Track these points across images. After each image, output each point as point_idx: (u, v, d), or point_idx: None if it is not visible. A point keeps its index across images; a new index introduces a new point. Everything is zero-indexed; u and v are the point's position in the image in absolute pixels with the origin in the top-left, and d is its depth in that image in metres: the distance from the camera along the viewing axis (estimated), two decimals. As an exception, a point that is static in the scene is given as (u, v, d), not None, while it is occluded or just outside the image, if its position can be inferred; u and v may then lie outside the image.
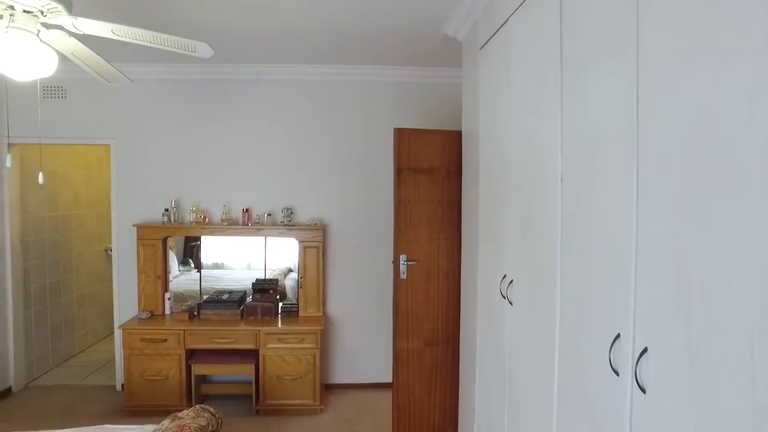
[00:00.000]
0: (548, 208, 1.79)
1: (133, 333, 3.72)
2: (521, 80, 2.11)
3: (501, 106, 2.40)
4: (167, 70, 4.07)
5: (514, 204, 2.19)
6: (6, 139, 4.04)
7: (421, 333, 3.22)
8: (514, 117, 2.20)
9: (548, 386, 1.75)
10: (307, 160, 4.21)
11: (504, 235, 2.33)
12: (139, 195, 4.18)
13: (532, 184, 1.99)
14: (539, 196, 1.90)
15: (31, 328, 4.46)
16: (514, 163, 2.20)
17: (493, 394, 2.46)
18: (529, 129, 2.03)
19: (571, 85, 1.63)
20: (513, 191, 2.21)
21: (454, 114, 4.03)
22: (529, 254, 2.01)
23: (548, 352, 1.75)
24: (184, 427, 2.29)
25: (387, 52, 3.78)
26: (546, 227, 1.81)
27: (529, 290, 2.01)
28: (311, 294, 4.08)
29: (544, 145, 1.84)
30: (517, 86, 2.15)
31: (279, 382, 3.74)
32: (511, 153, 2.24)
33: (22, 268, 4.31)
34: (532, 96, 1.99)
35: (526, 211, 2.06)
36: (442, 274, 3.23)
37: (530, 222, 2.01)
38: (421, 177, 3.20)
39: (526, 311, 2.03)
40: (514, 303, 2.17)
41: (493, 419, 2.47)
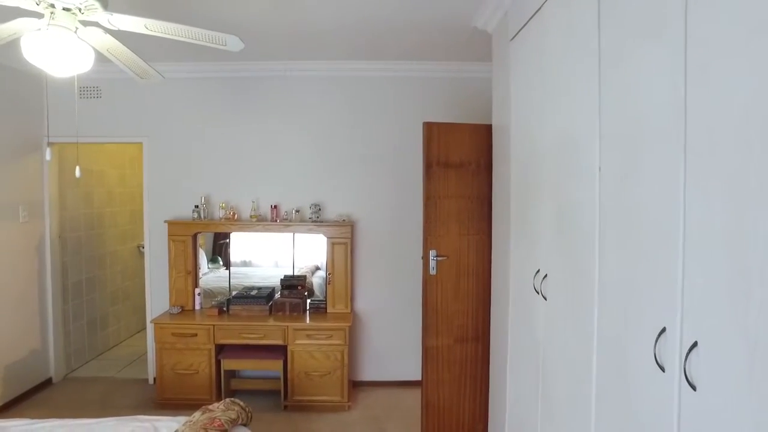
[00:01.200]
0: (584, 198, 1.73)
1: (164, 327, 3.78)
2: (555, 69, 2.05)
3: (533, 97, 2.34)
4: (197, 68, 4.12)
5: (548, 196, 2.13)
6: (46, 138, 4.17)
7: (450, 330, 3.18)
8: (547, 107, 2.14)
9: (586, 384, 1.69)
10: (336, 157, 4.21)
11: (537, 229, 2.27)
12: (170, 191, 4.26)
13: (566, 174, 1.93)
14: (575, 187, 1.84)
15: (69, 321, 4.59)
16: (548, 154, 2.14)
17: (526, 392, 2.40)
18: (563, 118, 1.97)
19: (610, 71, 1.57)
20: (546, 183, 2.15)
21: (483, 108, 3.97)
22: (564, 247, 1.95)
23: (586, 349, 1.69)
24: (215, 419, 2.30)
25: (415, 47, 3.75)
26: (582, 219, 1.76)
27: (564, 284, 1.95)
28: (339, 290, 4.07)
29: (580, 134, 1.79)
30: (551, 75, 2.09)
31: (307, 378, 3.75)
32: (544, 144, 2.19)
33: (61, 263, 4.44)
34: (567, 84, 1.93)
35: (560, 203, 2.00)
36: (472, 270, 3.18)
37: (565, 214, 1.95)
38: (451, 172, 3.15)
39: (562, 306, 1.97)
40: (549, 298, 2.11)
41: (525, 418, 2.41)
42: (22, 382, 4.00)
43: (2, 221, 3.80)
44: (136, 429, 2.32)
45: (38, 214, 4.18)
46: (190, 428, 2.20)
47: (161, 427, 2.35)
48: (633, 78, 1.43)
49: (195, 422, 2.27)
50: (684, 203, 1.16)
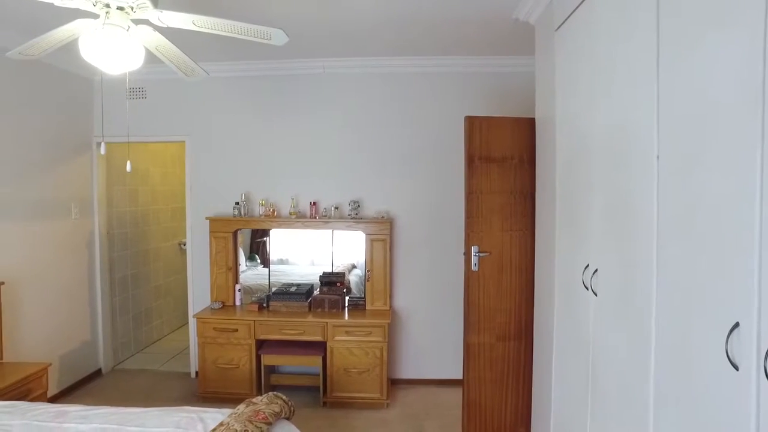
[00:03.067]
0: (640, 188, 1.66)
1: (206, 322, 3.86)
2: (606, 56, 1.98)
3: (581, 87, 2.27)
4: (237, 68, 4.19)
5: (598, 188, 2.06)
6: (95, 137, 4.33)
7: (492, 327, 3.12)
8: (597, 96, 2.07)
9: (642, 384, 1.61)
10: (375, 153, 4.21)
11: (586, 223, 2.20)
12: (211, 189, 4.34)
13: (619, 164, 1.86)
14: (629, 177, 1.77)
15: (116, 315, 4.74)
16: (597, 144, 2.07)
17: (573, 392, 2.33)
18: (615, 107, 1.90)
19: (671, 56, 1.49)
20: (596, 175, 2.08)
21: (524, 103, 3.88)
22: (617, 241, 1.88)
23: (642, 347, 1.62)
24: (259, 412, 2.32)
25: (455, 42, 3.71)
26: (638, 210, 1.68)
27: (617, 279, 1.88)
28: (378, 287, 4.06)
29: (636, 122, 1.71)
30: (601, 63, 2.02)
31: (346, 375, 3.75)
32: (592, 135, 2.11)
33: (108, 259, 4.59)
34: (619, 72, 1.86)
35: (611, 195, 1.93)
36: (515, 266, 3.11)
37: (617, 206, 1.88)
38: (493, 166, 3.10)
39: (614, 301, 1.90)
40: (599, 293, 2.03)
41: (572, 420, 2.34)
42: (75, 371, 4.16)
43: (56, 218, 3.96)
44: (183, 419, 2.36)
45: (88, 211, 4.34)
46: (235, 420, 2.22)
47: (207, 418, 2.38)
48: (699, 63, 1.35)
49: (240, 414, 2.30)
50: (761, 191, 1.08)
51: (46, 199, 3.85)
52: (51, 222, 3.90)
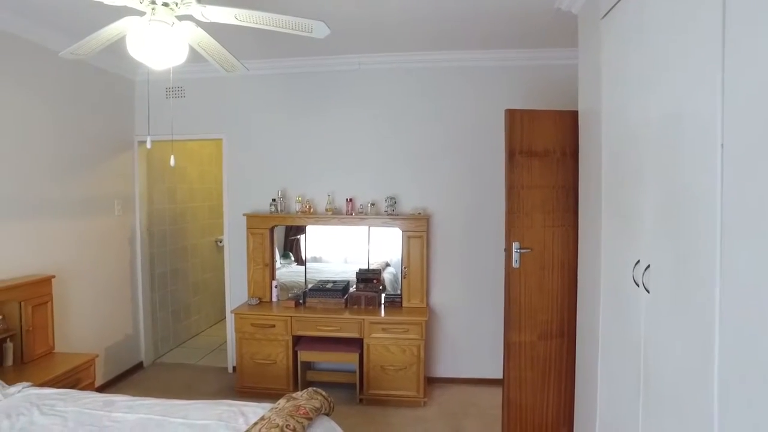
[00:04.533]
0: (700, 180, 1.57)
1: (244, 318, 3.90)
2: (659, 43, 1.88)
3: (629, 76, 2.18)
4: (273, 65, 4.22)
5: (651, 181, 1.96)
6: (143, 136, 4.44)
7: (534, 325, 3.04)
8: (649, 85, 1.97)
9: (705, 387, 1.52)
10: (411, 149, 4.17)
11: (636, 217, 2.11)
12: (248, 186, 4.39)
13: (674, 156, 1.77)
14: (686, 169, 1.68)
15: (156, 310, 4.85)
16: (649, 135, 1.97)
17: (622, 394, 2.24)
18: (670, 96, 1.80)
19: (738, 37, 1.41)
20: (648, 167, 1.99)
21: (565, 96, 3.78)
22: (673, 235, 1.79)
23: (704, 346, 1.53)
24: (300, 407, 2.32)
25: (493, 35, 3.64)
26: (698, 203, 1.59)
27: (672, 275, 1.78)
28: (415, 284, 4.03)
29: (695, 111, 1.62)
30: (654, 50, 1.93)
31: (383, 372, 3.73)
32: (643, 126, 2.02)
33: (149, 255, 4.70)
34: (675, 58, 1.77)
35: (667, 187, 1.84)
36: (557, 263, 3.03)
37: (674, 199, 1.78)
38: (534, 160, 3.02)
39: (670, 299, 1.81)
40: (652, 290, 1.94)
41: (621, 423, 2.25)
42: (119, 363, 4.28)
43: (101, 215, 4.07)
44: (225, 412, 2.38)
45: (130, 208, 4.45)
46: (276, 414, 2.23)
47: (248, 412, 2.39)
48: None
49: (281, 409, 2.30)
50: None
51: (91, 197, 3.96)
52: (96, 218, 4.01)
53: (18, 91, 3.29)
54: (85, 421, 2.28)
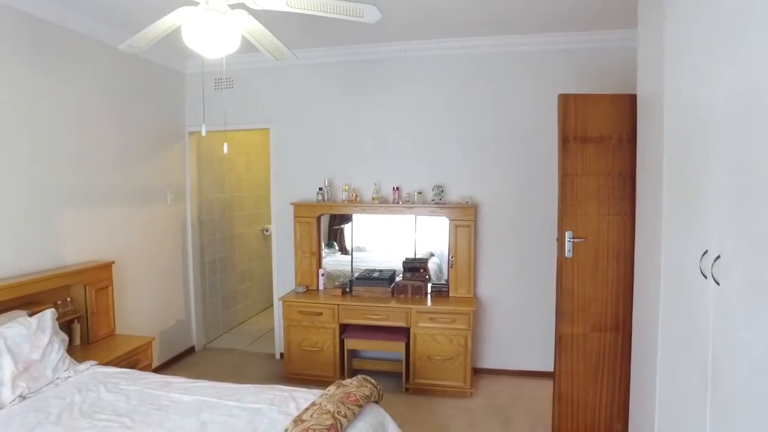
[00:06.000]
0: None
1: (292, 305, 3.95)
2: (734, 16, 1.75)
3: (698, 55, 2.04)
4: (320, 54, 4.22)
5: (723, 166, 1.84)
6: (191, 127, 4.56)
7: (587, 317, 2.95)
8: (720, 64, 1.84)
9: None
10: (458, 137, 4.10)
11: (704, 205, 1.99)
12: (295, 175, 4.43)
13: (753, 139, 1.64)
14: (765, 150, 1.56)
15: (207, 297, 5.00)
16: (721, 118, 1.84)
17: (685, 392, 2.13)
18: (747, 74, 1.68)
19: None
20: (719, 151, 1.86)
21: (620, 80, 3.63)
22: (749, 224, 1.67)
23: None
24: (350, 394, 2.33)
25: (545, 18, 3.51)
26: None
27: (748, 267, 1.67)
28: (462, 274, 3.98)
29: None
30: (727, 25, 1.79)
31: (429, 362, 3.71)
32: (714, 107, 1.89)
33: (199, 243, 4.84)
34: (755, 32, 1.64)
35: (742, 172, 1.71)
36: (612, 253, 2.91)
37: (749, 184, 1.66)
38: (589, 147, 2.91)
39: (744, 292, 1.70)
40: (723, 282, 1.83)
41: (685, 420, 2.14)
42: (172, 348, 4.45)
43: (154, 204, 4.21)
44: (276, 397, 2.42)
45: (181, 197, 4.58)
46: (327, 401, 2.25)
47: (299, 397, 2.43)
48: None
49: (331, 396, 2.32)
50: None
51: (146, 186, 4.10)
52: (150, 207, 4.16)
53: (80, 86, 3.43)
54: (146, 400, 2.37)
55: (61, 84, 3.28)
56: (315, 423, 2.00)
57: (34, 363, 2.53)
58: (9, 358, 2.42)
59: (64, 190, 3.31)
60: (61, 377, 2.59)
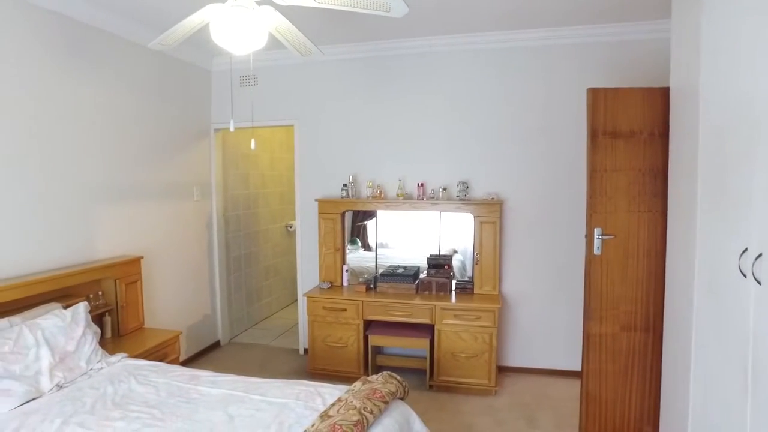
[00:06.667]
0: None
1: (316, 301, 3.97)
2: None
3: (739, 46, 1.97)
4: (344, 50, 4.22)
5: (764, 159, 1.77)
6: (231, 120, 4.58)
7: (616, 316, 2.89)
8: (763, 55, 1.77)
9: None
10: (484, 132, 4.05)
11: (744, 201, 1.91)
12: (320, 171, 4.45)
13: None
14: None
15: (232, 292, 5.06)
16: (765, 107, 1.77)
17: (723, 393, 2.06)
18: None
19: None
20: (761, 144, 1.79)
21: (651, 73, 3.55)
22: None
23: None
24: (376, 390, 2.33)
25: (572, 11, 3.44)
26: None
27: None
28: (487, 271, 3.94)
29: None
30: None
31: (453, 359, 3.69)
32: (756, 100, 1.82)
33: (225, 239, 4.90)
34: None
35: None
36: (642, 250, 2.84)
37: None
38: (619, 142, 2.84)
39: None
40: (765, 281, 1.77)
41: (723, 423, 2.07)
42: (198, 342, 4.52)
43: (181, 200, 4.28)
44: (302, 392, 2.43)
45: (207, 194, 4.64)
46: (353, 396, 2.25)
47: (325, 393, 2.43)
48: None
49: (357, 391, 2.32)
50: None
51: (173, 183, 4.17)
52: (177, 203, 4.22)
53: (111, 84, 3.50)
54: (175, 392, 2.41)
55: (94, 83, 3.35)
56: (341, 419, 2.00)
57: (69, 354, 2.60)
58: (47, 349, 2.50)
59: (97, 186, 3.39)
60: (94, 368, 2.66)
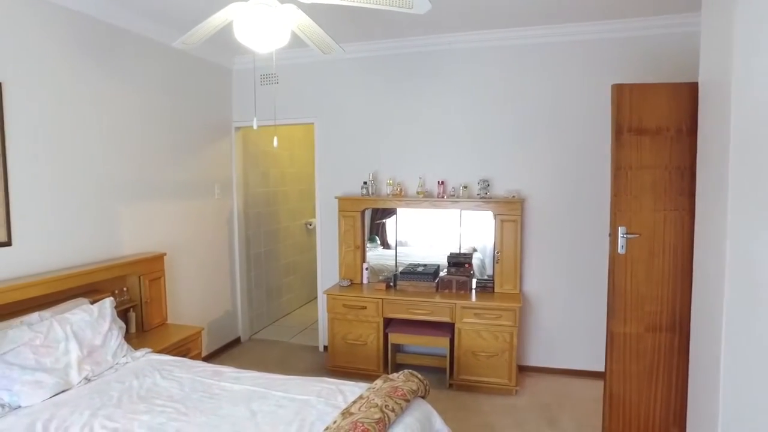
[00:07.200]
0: None
1: (336, 299, 3.98)
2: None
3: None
4: (364, 47, 4.22)
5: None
6: (254, 118, 4.62)
7: (641, 316, 2.83)
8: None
9: None
10: (504, 130, 4.01)
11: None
12: (340, 169, 4.46)
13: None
14: None
15: (252, 289, 5.11)
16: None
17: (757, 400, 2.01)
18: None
19: None
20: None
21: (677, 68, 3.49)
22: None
23: None
24: (397, 389, 2.33)
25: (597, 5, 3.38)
26: None
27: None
28: (508, 270, 3.90)
29: None
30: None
31: (474, 358, 3.67)
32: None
33: (245, 236, 4.94)
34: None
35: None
36: (668, 250, 2.78)
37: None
38: (645, 139, 2.78)
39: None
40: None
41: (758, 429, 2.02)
42: (220, 338, 4.58)
43: (202, 198, 4.33)
44: (324, 389, 2.44)
45: (228, 191, 4.69)
46: (375, 394, 2.25)
47: (346, 390, 2.44)
48: None
49: (378, 389, 2.32)
50: None
51: (195, 181, 4.22)
52: (198, 201, 4.27)
53: (137, 84, 3.55)
54: (198, 388, 2.45)
55: (118, 82, 3.41)
56: (363, 416, 2.00)
57: (96, 348, 2.66)
58: (75, 343, 2.55)
59: (121, 184, 3.45)
60: (120, 363, 2.71)
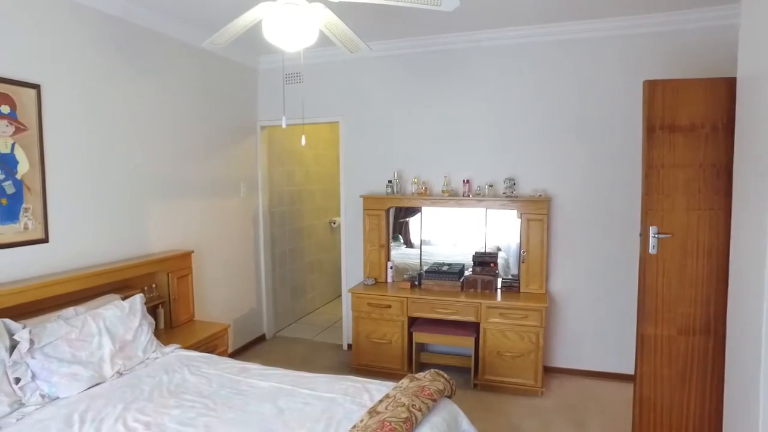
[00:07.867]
0: None
1: (361, 297, 3.99)
2: None
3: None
4: (389, 46, 4.21)
5: None
6: (283, 117, 4.70)
7: (673, 318, 2.76)
8: None
9: None
10: (531, 128, 3.96)
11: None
12: (364, 167, 4.46)
13: None
14: None
15: (277, 286, 5.16)
16: None
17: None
18: None
19: None
20: None
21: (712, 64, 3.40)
22: None
23: None
24: (424, 388, 2.32)
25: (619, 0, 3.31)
26: None
27: None
28: (534, 270, 3.85)
29: None
30: None
31: (499, 358, 3.63)
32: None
33: (270, 234, 4.99)
34: None
35: None
36: (702, 251, 2.71)
37: None
38: (678, 136, 2.71)
39: None
40: None
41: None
42: (245, 335, 4.63)
43: (228, 196, 4.39)
44: (350, 387, 2.45)
45: (253, 190, 4.74)
46: (401, 394, 2.24)
47: (372, 389, 2.44)
48: None
49: (405, 389, 2.31)
50: None
51: (221, 179, 4.28)
52: (225, 199, 4.33)
53: (167, 84, 3.62)
54: (225, 384, 2.48)
55: (147, 83, 3.48)
56: (390, 415, 2.00)
57: (127, 343, 2.72)
58: (108, 338, 2.62)
59: (150, 182, 3.52)
60: (150, 358, 2.77)
